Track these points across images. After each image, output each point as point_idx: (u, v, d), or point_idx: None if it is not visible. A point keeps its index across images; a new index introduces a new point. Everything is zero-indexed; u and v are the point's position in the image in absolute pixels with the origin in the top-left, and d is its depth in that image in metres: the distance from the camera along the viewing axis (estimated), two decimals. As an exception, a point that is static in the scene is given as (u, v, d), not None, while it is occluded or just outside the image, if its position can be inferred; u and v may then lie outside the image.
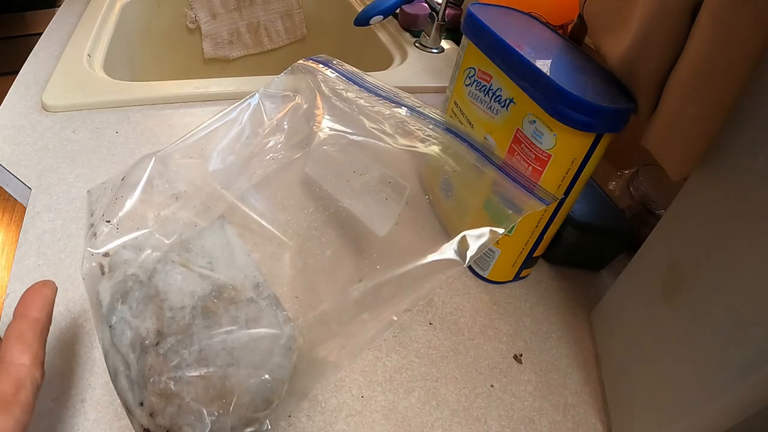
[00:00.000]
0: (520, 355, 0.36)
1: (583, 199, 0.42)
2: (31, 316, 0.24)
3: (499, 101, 0.35)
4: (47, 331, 0.24)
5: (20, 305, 0.24)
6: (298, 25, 0.95)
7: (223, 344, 0.25)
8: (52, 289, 0.25)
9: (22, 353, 0.22)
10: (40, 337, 0.23)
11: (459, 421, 0.31)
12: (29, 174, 0.42)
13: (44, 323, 0.24)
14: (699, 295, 0.27)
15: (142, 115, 0.51)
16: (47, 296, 0.25)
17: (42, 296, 0.25)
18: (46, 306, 0.24)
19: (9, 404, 0.21)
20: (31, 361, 0.23)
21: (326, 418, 0.30)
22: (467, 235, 0.27)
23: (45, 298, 0.25)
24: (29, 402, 0.22)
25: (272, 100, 0.36)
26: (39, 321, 0.24)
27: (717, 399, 0.24)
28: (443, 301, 0.39)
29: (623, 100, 0.31)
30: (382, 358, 0.34)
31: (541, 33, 0.38)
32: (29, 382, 0.22)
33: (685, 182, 0.30)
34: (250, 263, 0.28)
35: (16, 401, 0.21)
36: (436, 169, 0.33)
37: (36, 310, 0.24)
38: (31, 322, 0.24)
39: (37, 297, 0.24)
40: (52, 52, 0.59)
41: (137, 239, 0.28)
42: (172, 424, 0.23)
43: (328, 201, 0.32)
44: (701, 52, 0.26)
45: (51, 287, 0.25)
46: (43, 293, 0.25)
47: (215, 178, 0.32)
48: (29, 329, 0.23)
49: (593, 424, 0.33)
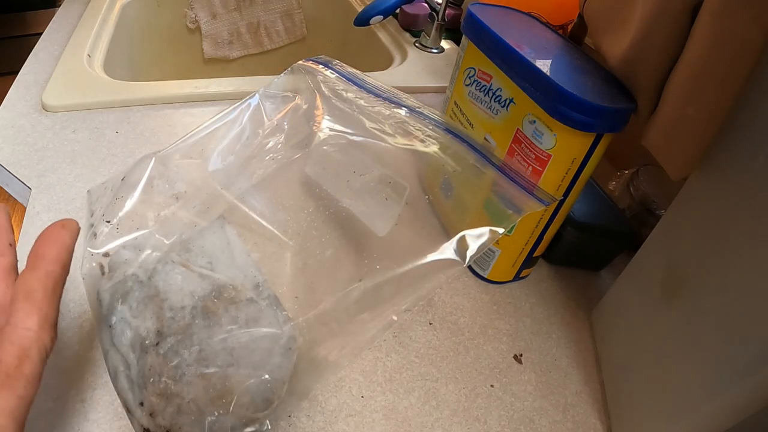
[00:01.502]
0: (520, 355, 0.36)
1: (583, 199, 0.42)
2: (43, 268, 0.20)
3: (499, 101, 0.35)
4: (62, 285, 0.21)
5: (32, 254, 0.21)
6: (298, 25, 0.95)
7: (223, 344, 0.25)
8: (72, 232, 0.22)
9: (30, 315, 0.19)
10: (52, 295, 0.20)
11: (459, 421, 0.31)
12: (29, 174, 0.42)
13: (58, 276, 0.20)
14: (699, 295, 0.27)
15: (142, 115, 0.51)
16: (65, 242, 0.21)
17: (58, 242, 0.21)
18: (62, 254, 0.21)
19: (11, 378, 0.18)
20: (39, 324, 0.19)
21: (326, 418, 0.30)
22: (467, 235, 0.27)
23: (62, 245, 0.21)
24: (35, 374, 0.19)
25: (272, 100, 0.36)
26: (52, 274, 0.20)
27: (717, 399, 0.24)
28: (443, 301, 0.39)
29: (623, 100, 0.31)
30: (382, 358, 0.34)
31: (541, 33, 0.38)
32: (35, 350, 0.19)
33: (685, 182, 0.30)
34: (250, 263, 0.28)
35: (20, 374, 0.18)
36: (436, 169, 0.33)
37: (49, 261, 0.20)
38: (42, 276, 0.20)
39: (52, 243, 0.21)
40: (52, 52, 0.59)
41: (137, 239, 0.28)
42: (172, 424, 0.23)
43: (328, 201, 0.32)
44: (701, 52, 0.26)
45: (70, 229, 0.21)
46: (60, 238, 0.21)
47: (215, 179, 0.32)
48: (39, 285, 0.20)
49: (593, 424, 0.33)
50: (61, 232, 0.21)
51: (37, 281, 0.20)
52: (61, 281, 0.21)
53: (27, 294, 0.20)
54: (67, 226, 0.22)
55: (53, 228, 0.21)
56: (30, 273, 0.20)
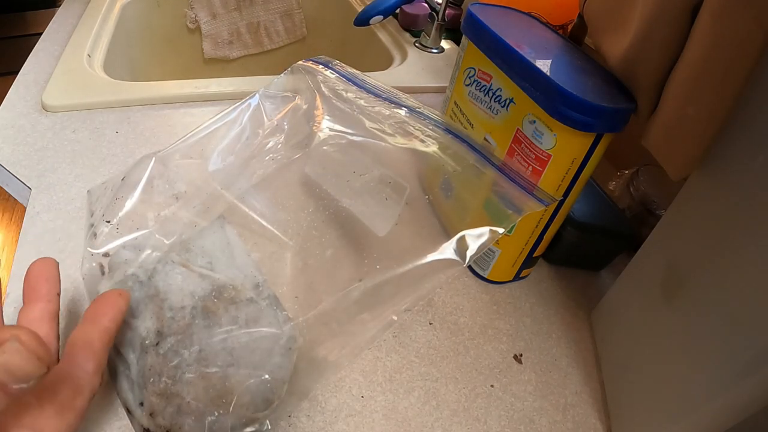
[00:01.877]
0: (520, 355, 0.36)
1: (583, 199, 0.42)
2: (102, 324, 0.24)
3: (499, 101, 0.35)
4: (113, 341, 0.25)
5: (93, 310, 0.24)
6: (298, 25, 0.95)
7: (223, 344, 0.25)
8: (126, 300, 0.25)
9: (88, 360, 0.23)
10: (106, 347, 0.24)
11: (459, 421, 0.31)
12: (29, 174, 0.42)
13: (113, 333, 0.24)
14: (699, 296, 0.27)
15: (142, 115, 0.51)
16: (120, 307, 0.25)
17: (115, 306, 0.25)
18: (117, 317, 0.24)
19: (65, 409, 0.22)
20: (95, 369, 0.23)
21: (326, 418, 0.30)
22: (467, 235, 0.27)
23: (118, 309, 0.25)
24: (83, 408, 0.22)
25: (272, 100, 0.36)
26: (108, 330, 0.24)
27: (717, 399, 0.24)
28: (443, 301, 0.39)
29: (623, 100, 0.31)
30: (382, 358, 0.34)
31: (541, 33, 0.38)
32: (88, 389, 0.23)
33: (685, 182, 0.30)
34: (250, 263, 0.28)
35: (72, 407, 0.22)
36: (435, 169, 0.33)
37: (108, 319, 0.24)
38: (101, 331, 0.24)
39: (110, 306, 0.25)
40: (52, 52, 0.59)
41: (137, 239, 0.28)
42: (172, 424, 0.23)
43: (328, 201, 0.32)
44: (701, 52, 0.26)
45: (125, 298, 0.25)
46: (118, 304, 0.25)
47: (215, 179, 0.32)
48: (98, 338, 0.23)
49: (593, 424, 0.33)
50: (118, 299, 0.25)
51: (96, 333, 0.24)
52: (113, 338, 0.24)
53: (87, 343, 0.23)
54: (123, 294, 0.25)
55: (111, 294, 0.25)
56: (90, 326, 0.24)
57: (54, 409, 0.21)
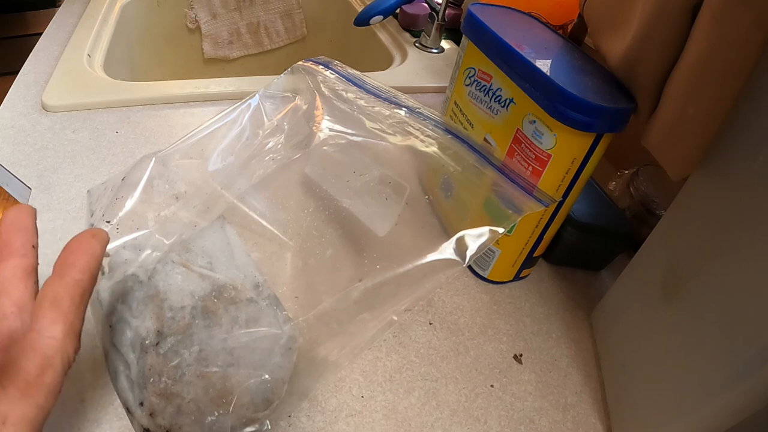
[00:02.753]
0: (520, 355, 0.36)
1: (583, 199, 0.42)
2: (71, 276, 0.19)
3: (499, 101, 0.35)
4: (89, 295, 0.20)
5: (60, 261, 0.20)
6: (298, 25, 0.95)
7: (223, 344, 0.25)
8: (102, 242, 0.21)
9: (54, 324, 0.18)
10: (79, 304, 0.19)
11: (459, 421, 0.31)
12: (29, 174, 0.42)
13: (86, 286, 0.20)
14: (699, 296, 0.27)
15: (142, 115, 0.51)
16: (95, 251, 0.20)
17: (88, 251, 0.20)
18: (91, 264, 0.20)
19: (31, 387, 0.17)
20: (65, 333, 0.19)
21: (326, 418, 0.30)
22: (467, 235, 0.27)
23: (92, 254, 0.20)
24: (56, 384, 0.18)
25: (272, 100, 0.36)
26: (80, 283, 0.20)
27: (717, 399, 0.24)
28: (443, 301, 0.39)
29: (623, 100, 0.31)
30: (382, 358, 0.34)
31: (541, 33, 0.38)
32: (59, 360, 0.18)
33: (685, 182, 0.30)
34: (250, 263, 0.28)
35: (41, 384, 0.18)
36: (435, 169, 0.33)
37: (78, 269, 0.20)
38: (71, 284, 0.19)
39: (81, 252, 0.20)
40: (52, 52, 0.59)
41: (137, 239, 0.28)
42: (172, 424, 0.23)
43: (328, 201, 0.32)
44: (701, 52, 0.26)
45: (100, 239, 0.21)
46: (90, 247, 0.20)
47: (215, 179, 0.32)
48: (67, 294, 0.19)
49: (593, 424, 0.33)
50: (91, 241, 0.21)
51: (64, 289, 0.19)
52: (88, 291, 0.20)
53: (53, 301, 0.19)
54: (97, 235, 0.21)
55: (83, 236, 0.21)
56: (58, 280, 0.20)
57: (18, 390, 0.17)
